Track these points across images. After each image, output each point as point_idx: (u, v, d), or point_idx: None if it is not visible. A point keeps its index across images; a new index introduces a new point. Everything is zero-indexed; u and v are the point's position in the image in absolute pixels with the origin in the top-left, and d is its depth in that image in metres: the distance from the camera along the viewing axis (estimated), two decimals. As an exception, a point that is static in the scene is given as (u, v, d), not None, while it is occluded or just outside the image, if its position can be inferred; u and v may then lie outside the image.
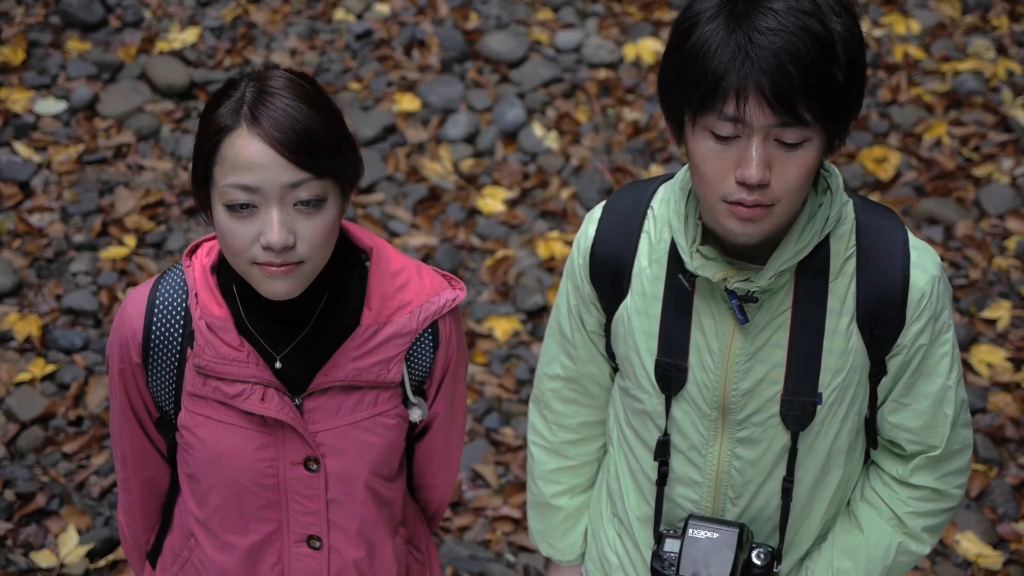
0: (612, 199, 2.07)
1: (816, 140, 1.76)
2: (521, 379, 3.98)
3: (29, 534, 3.51)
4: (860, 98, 1.79)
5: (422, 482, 2.25)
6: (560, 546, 2.29)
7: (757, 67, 1.68)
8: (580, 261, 2.06)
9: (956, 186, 4.64)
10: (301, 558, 2.06)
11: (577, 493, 2.26)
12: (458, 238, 4.41)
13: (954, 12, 5.40)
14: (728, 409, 1.97)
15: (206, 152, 1.82)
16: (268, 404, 1.93)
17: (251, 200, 1.79)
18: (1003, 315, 4.16)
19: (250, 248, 1.81)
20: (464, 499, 3.68)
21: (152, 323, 1.97)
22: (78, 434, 3.74)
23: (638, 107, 4.94)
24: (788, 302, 1.92)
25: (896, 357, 1.95)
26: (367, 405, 2.00)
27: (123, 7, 5.23)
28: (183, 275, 1.98)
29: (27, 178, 4.53)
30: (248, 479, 1.99)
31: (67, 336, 4.01)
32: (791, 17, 1.69)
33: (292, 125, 1.78)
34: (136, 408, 2.05)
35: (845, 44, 1.72)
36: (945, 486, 2.04)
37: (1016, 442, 3.81)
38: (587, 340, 2.11)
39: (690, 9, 1.76)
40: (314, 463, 1.99)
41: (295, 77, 1.85)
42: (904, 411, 1.99)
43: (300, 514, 2.03)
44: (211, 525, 2.05)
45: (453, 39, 5.13)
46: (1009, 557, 3.53)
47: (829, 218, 1.88)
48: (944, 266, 2.03)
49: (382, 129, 4.78)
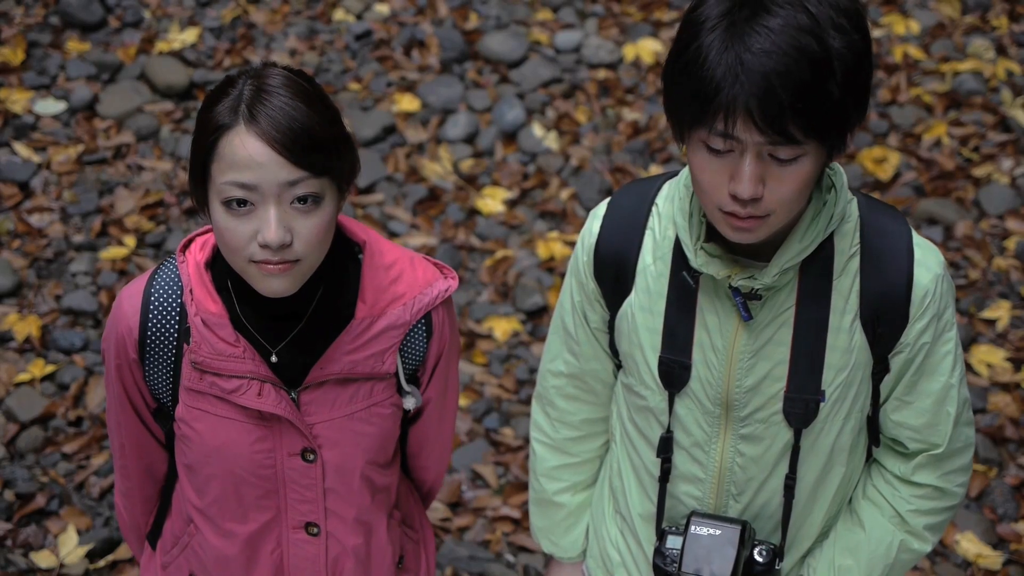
0: (617, 196, 2.07)
1: (812, 154, 1.75)
2: (521, 379, 3.98)
3: (29, 534, 3.51)
4: (860, 112, 1.78)
5: (416, 463, 2.26)
6: (562, 543, 2.29)
7: (746, 89, 1.66)
8: (584, 258, 2.06)
9: (956, 186, 4.64)
10: (299, 544, 2.08)
11: (579, 490, 2.26)
12: (458, 238, 4.41)
13: (954, 12, 5.40)
14: (731, 406, 1.97)
15: (204, 150, 1.82)
16: (265, 399, 1.95)
17: (248, 198, 1.79)
18: (1003, 315, 4.16)
19: (247, 246, 1.82)
20: (464, 499, 3.68)
21: (148, 320, 1.97)
22: (78, 434, 3.74)
23: (638, 107, 4.94)
24: (792, 299, 1.92)
25: (899, 355, 1.95)
26: (362, 396, 2.02)
27: (123, 7, 5.23)
28: (177, 270, 1.99)
29: (27, 178, 4.53)
30: (246, 470, 2.00)
31: (67, 336, 4.01)
32: (785, 35, 1.67)
33: (290, 123, 1.78)
34: (133, 400, 2.06)
35: (843, 60, 1.69)
36: (947, 484, 2.04)
37: (1016, 442, 3.81)
38: (591, 337, 2.11)
39: (696, 12, 1.75)
40: (311, 454, 2.01)
41: (293, 75, 1.85)
42: (907, 409, 2.00)
43: (298, 502, 2.05)
44: (210, 513, 2.07)
45: (453, 39, 5.13)
46: (1009, 557, 3.53)
47: (833, 216, 1.88)
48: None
49: (382, 129, 4.77)
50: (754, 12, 1.69)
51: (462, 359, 4.04)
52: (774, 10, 1.68)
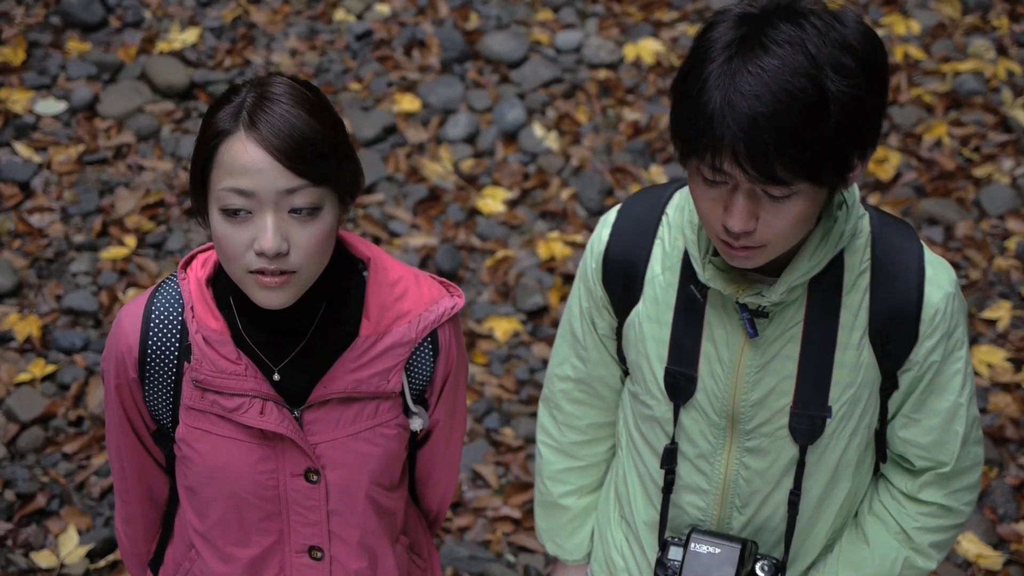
0: (627, 203, 2.05)
1: (806, 193, 1.71)
2: (521, 379, 3.98)
3: (29, 534, 3.51)
4: (860, 152, 1.73)
5: (423, 488, 2.23)
6: (567, 546, 2.28)
7: (732, 130, 1.64)
8: (593, 265, 2.04)
9: (956, 186, 4.64)
10: (302, 568, 2.04)
11: (585, 494, 2.25)
12: (458, 238, 4.41)
13: (954, 12, 5.40)
14: (737, 419, 1.96)
15: (204, 156, 1.81)
16: (267, 417, 1.91)
17: (246, 205, 1.77)
18: (1003, 315, 4.16)
19: (244, 255, 1.79)
20: (464, 499, 3.68)
21: (148, 338, 1.94)
22: (78, 434, 3.74)
23: (638, 107, 4.94)
24: (800, 315, 1.90)
25: (908, 372, 1.93)
26: (367, 416, 1.98)
27: (123, 7, 5.23)
28: (178, 288, 1.96)
29: (27, 178, 4.53)
30: (248, 491, 1.97)
31: (67, 336, 4.01)
32: (780, 77, 1.63)
33: (290, 131, 1.76)
34: (133, 421, 2.03)
35: (841, 103, 1.64)
36: (954, 503, 2.02)
37: (1016, 442, 3.81)
38: (598, 343, 2.10)
39: (705, 38, 1.71)
40: (314, 475, 1.97)
41: (297, 84, 1.83)
42: (914, 426, 1.98)
43: (301, 525, 2.01)
44: (212, 537, 2.03)
45: (453, 39, 5.13)
46: (1009, 557, 3.53)
47: (844, 233, 1.85)
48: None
49: (382, 129, 4.77)
50: (752, 50, 1.65)
51: (462, 359, 4.04)
52: (772, 50, 1.64)
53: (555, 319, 4.14)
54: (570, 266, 4.30)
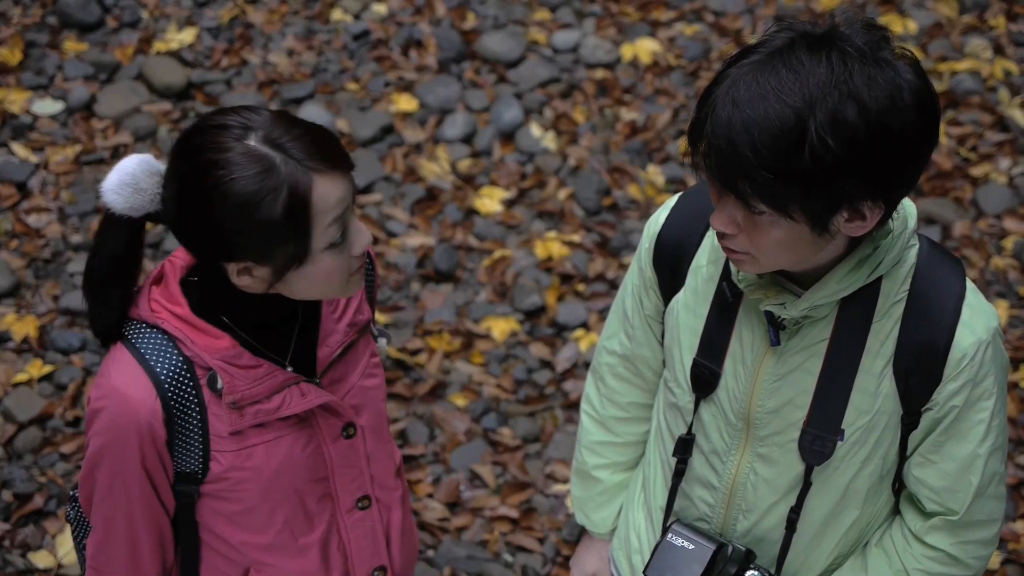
0: (689, 191, 2.07)
1: (783, 223, 1.69)
2: (519, 379, 3.98)
3: (27, 535, 3.50)
4: (850, 206, 1.68)
5: None
6: (594, 517, 2.33)
7: (710, 129, 1.65)
8: (646, 244, 2.07)
9: (953, 186, 4.64)
10: (355, 525, 2.13)
11: (618, 471, 2.29)
12: (456, 238, 4.41)
13: (951, 12, 5.40)
14: (753, 423, 1.96)
15: (297, 220, 1.80)
16: (309, 396, 1.98)
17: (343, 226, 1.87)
18: (1000, 315, 4.16)
19: (348, 267, 1.89)
20: (462, 499, 3.68)
21: (167, 392, 1.90)
22: (76, 435, 3.74)
23: (635, 107, 4.94)
24: (827, 332, 1.88)
25: (929, 412, 1.90)
26: (361, 354, 2.10)
27: (120, 8, 5.23)
28: (154, 335, 1.92)
29: (24, 179, 4.53)
30: (304, 479, 2.04)
31: (65, 337, 4.00)
32: (770, 97, 1.61)
33: (327, 140, 1.84)
34: (158, 486, 1.97)
35: (815, 152, 1.60)
36: (962, 554, 1.99)
37: (1015, 442, 3.81)
38: (644, 323, 2.12)
39: (767, 34, 1.70)
40: (351, 428, 2.07)
41: (268, 109, 1.87)
42: (929, 468, 1.95)
43: (348, 482, 2.10)
44: (282, 542, 2.07)
45: (450, 39, 5.13)
46: (1007, 557, 3.53)
47: (883, 263, 1.81)
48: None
49: (379, 129, 4.77)
50: (772, 64, 1.64)
51: (461, 359, 4.04)
52: (782, 72, 1.63)
53: (552, 319, 4.15)
54: (568, 266, 4.30)
